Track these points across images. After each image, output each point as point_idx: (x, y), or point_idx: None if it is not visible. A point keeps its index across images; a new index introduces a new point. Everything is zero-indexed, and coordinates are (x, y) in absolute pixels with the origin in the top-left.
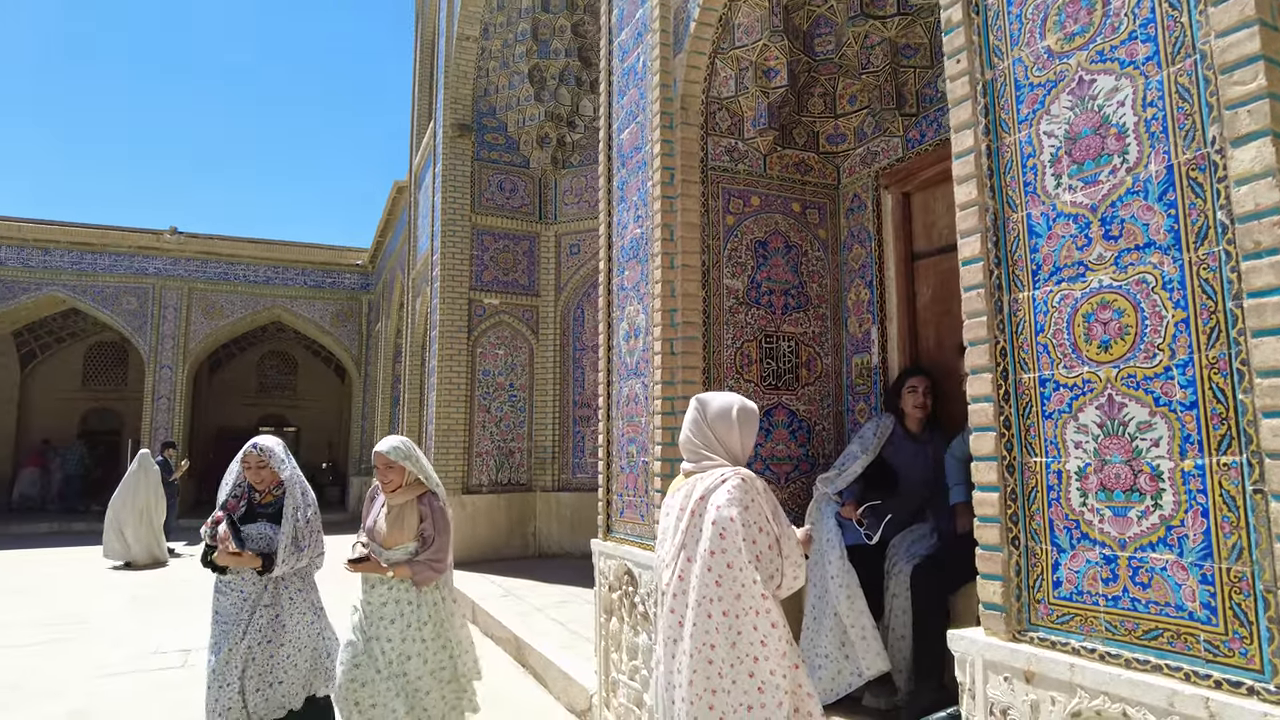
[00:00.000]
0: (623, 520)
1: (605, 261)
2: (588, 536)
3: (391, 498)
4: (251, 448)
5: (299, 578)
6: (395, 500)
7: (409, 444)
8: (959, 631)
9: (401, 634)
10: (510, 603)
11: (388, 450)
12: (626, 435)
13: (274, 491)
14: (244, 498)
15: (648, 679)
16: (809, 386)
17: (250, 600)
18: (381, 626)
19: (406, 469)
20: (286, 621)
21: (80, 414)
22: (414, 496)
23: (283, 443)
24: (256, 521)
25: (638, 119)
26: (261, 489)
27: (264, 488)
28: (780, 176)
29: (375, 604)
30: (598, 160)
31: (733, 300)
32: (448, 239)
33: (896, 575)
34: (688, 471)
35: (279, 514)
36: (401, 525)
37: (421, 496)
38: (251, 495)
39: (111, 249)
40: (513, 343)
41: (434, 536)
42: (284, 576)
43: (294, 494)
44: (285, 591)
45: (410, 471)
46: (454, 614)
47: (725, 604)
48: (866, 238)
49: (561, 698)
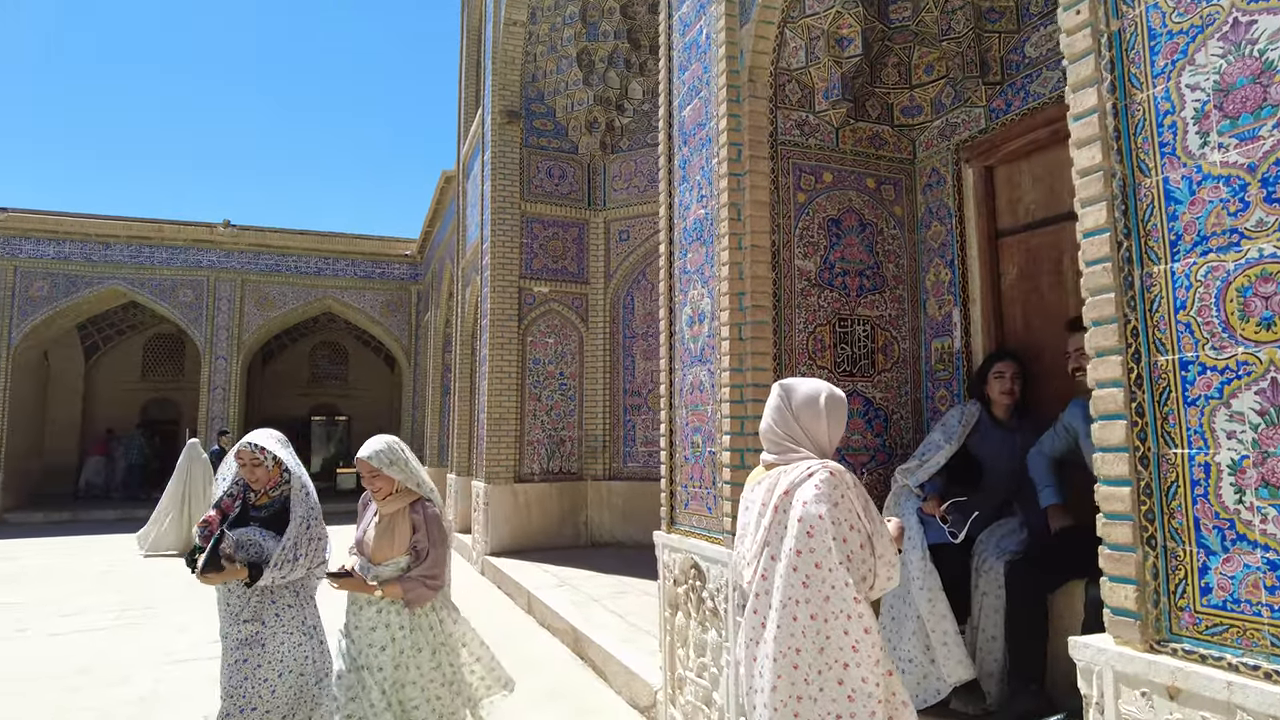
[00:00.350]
0: (688, 512)
1: (666, 245)
2: (639, 526)
3: (383, 506)
4: (246, 445)
5: (291, 591)
6: (386, 509)
7: (396, 447)
8: (1083, 638)
9: (394, 661)
10: (566, 592)
11: (369, 456)
12: (691, 424)
13: (271, 492)
14: (239, 497)
15: (717, 677)
16: (886, 373)
17: (233, 612)
18: (371, 654)
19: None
20: (268, 641)
21: (141, 404)
22: (406, 504)
23: (283, 437)
24: (249, 525)
25: (700, 94)
26: (258, 489)
27: (260, 487)
28: (853, 151)
29: (364, 628)
30: (646, 144)
31: (804, 282)
32: (497, 227)
33: (986, 573)
34: (768, 463)
35: (274, 517)
36: (392, 537)
37: (414, 504)
38: (247, 495)
39: (168, 242)
40: (562, 331)
41: (428, 549)
42: (273, 589)
43: (298, 496)
44: (271, 607)
45: None
46: (459, 635)
47: (813, 606)
48: (946, 215)
49: (623, 692)
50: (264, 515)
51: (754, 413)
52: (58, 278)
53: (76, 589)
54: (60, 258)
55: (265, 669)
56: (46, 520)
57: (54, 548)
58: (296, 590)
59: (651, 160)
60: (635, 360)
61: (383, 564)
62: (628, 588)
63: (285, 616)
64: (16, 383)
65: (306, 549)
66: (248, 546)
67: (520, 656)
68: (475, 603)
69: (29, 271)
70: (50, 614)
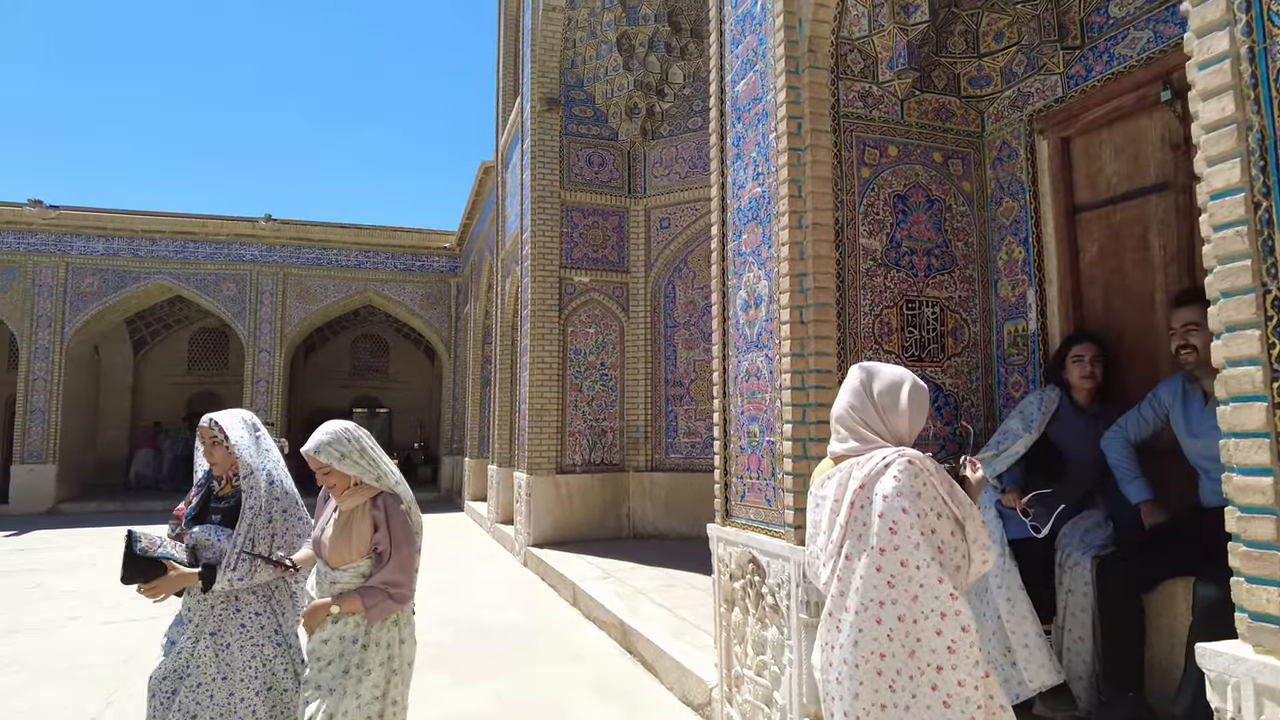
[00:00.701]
0: (744, 504)
1: (718, 226)
2: (682, 518)
3: (342, 501)
4: (205, 421)
5: (259, 597)
6: (345, 504)
7: (346, 436)
8: (1214, 646)
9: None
10: (611, 585)
11: (314, 450)
12: (747, 413)
13: (234, 481)
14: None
15: (779, 676)
16: (956, 357)
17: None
18: (314, 670)
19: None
20: (236, 656)
21: (187, 397)
22: (367, 499)
23: (250, 417)
24: (208, 521)
25: (756, 67)
26: (220, 476)
27: (222, 474)
28: (918, 124)
29: (315, 641)
30: (687, 130)
31: (870, 262)
32: (537, 216)
33: (1072, 569)
34: (837, 454)
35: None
36: (350, 537)
37: (376, 498)
38: (210, 484)
39: (211, 237)
40: (603, 321)
41: (389, 551)
42: (237, 594)
43: (256, 487)
44: (236, 616)
45: None
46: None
47: (900, 607)
48: (1019, 190)
49: (675, 689)
50: (224, 507)
51: (817, 400)
52: (106, 273)
53: None
54: (109, 254)
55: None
56: (99, 510)
57: (104, 538)
58: (267, 595)
59: (693, 146)
60: (677, 350)
61: (341, 568)
62: (674, 581)
63: (253, 626)
64: (70, 377)
65: (270, 548)
66: (207, 547)
67: (568, 650)
68: (519, 594)
69: (79, 268)
70: (103, 603)
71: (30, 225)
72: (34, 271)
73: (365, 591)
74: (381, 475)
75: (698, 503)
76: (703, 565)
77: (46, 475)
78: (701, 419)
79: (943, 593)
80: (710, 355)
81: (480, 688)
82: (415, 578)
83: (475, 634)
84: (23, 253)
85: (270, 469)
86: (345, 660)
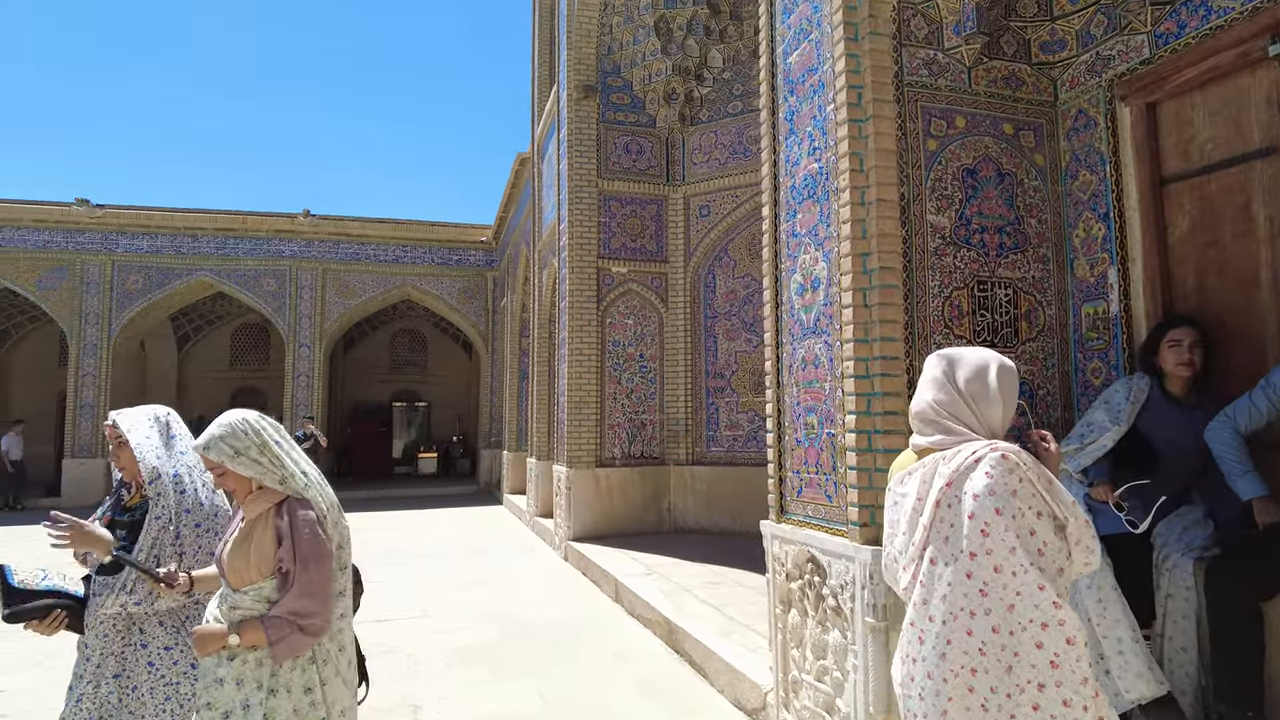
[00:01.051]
0: (801, 501)
1: (770, 206)
2: (725, 512)
3: (246, 507)
4: (109, 419)
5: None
6: (248, 511)
7: (244, 430)
8: None
9: None
10: (655, 581)
11: (205, 447)
12: (803, 404)
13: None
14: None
15: (841, 683)
16: (1030, 343)
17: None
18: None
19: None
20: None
21: (229, 392)
22: (272, 505)
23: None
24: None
25: (810, 36)
26: (129, 482)
27: (130, 479)
28: (987, 93)
29: (207, 682)
30: (727, 114)
31: (938, 240)
32: (575, 206)
33: (1170, 571)
34: (920, 448)
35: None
36: (248, 552)
37: (281, 505)
38: (120, 492)
39: (251, 233)
40: (641, 312)
41: (293, 570)
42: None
43: (163, 494)
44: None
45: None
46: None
47: (995, 618)
48: (1097, 161)
49: (726, 692)
50: (128, 521)
51: (882, 389)
52: (150, 270)
53: None
54: (152, 251)
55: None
56: None
57: None
58: (178, 626)
59: (733, 131)
60: (718, 341)
61: (242, 590)
62: (720, 577)
63: (163, 664)
64: (118, 373)
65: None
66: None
67: (611, 647)
68: (560, 589)
69: (125, 265)
70: None
71: (78, 224)
72: (82, 269)
73: (270, 622)
74: (287, 476)
75: (740, 497)
76: (748, 561)
77: (96, 469)
78: (744, 411)
79: (1044, 601)
80: (753, 346)
81: (523, 684)
82: (333, 603)
83: (518, 630)
84: (71, 251)
85: (182, 473)
86: (249, 713)
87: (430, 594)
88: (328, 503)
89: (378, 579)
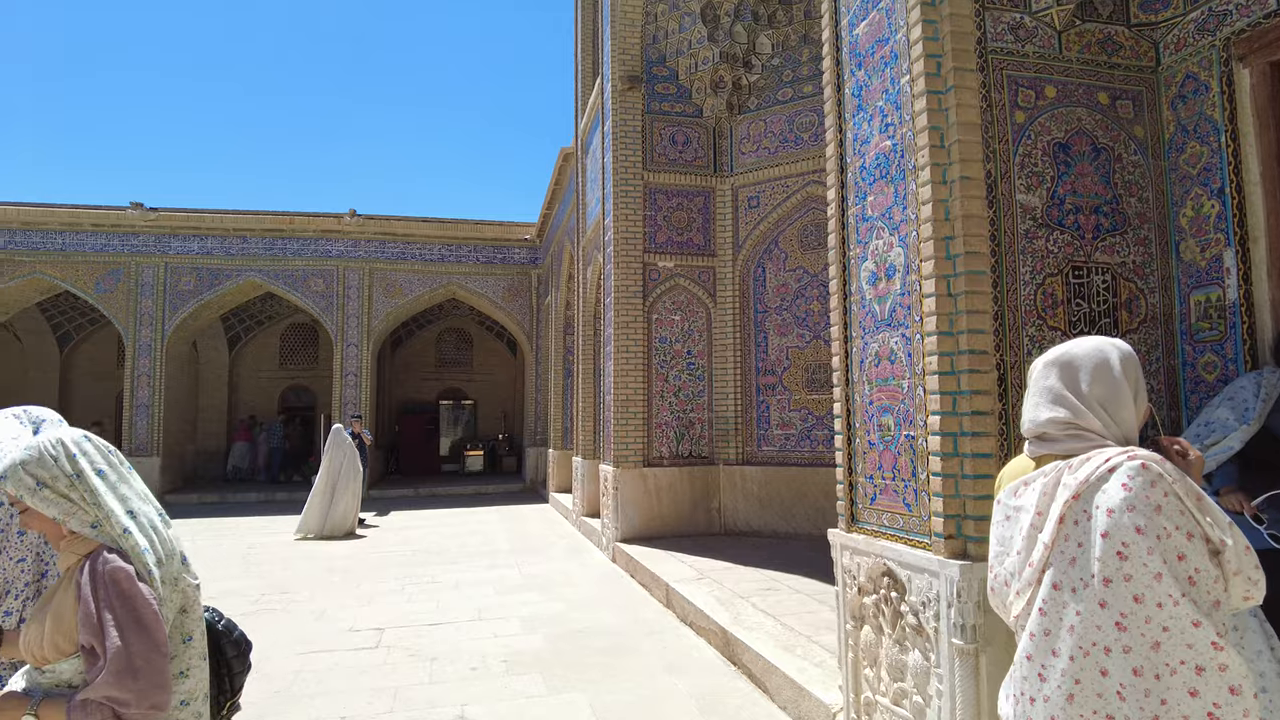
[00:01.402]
0: (875, 509)
1: (836, 189)
2: (777, 514)
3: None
4: None
5: None
6: (60, 563)
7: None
8: None
9: None
10: (707, 587)
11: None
12: (877, 404)
13: None
14: None
15: (922, 708)
16: (1132, 334)
17: None
18: None
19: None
20: None
21: (279, 391)
22: (81, 557)
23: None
24: None
25: (880, 5)
26: None
27: None
28: (1079, 60)
29: None
30: (777, 102)
31: (1029, 222)
32: (620, 199)
33: None
34: (1038, 456)
35: None
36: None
37: (90, 558)
38: None
39: (298, 234)
40: (689, 307)
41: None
42: None
43: None
44: None
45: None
46: None
47: (1136, 657)
48: (1209, 131)
49: (789, 709)
50: None
51: (970, 386)
52: (202, 271)
53: (222, 573)
54: (203, 253)
55: None
56: (199, 501)
57: (204, 529)
58: None
59: (783, 119)
60: (768, 337)
61: (45, 669)
62: (776, 584)
63: None
64: (171, 373)
65: None
66: None
67: (665, 658)
68: (610, 593)
69: (177, 267)
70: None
71: (133, 227)
72: (136, 272)
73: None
74: (102, 519)
75: (793, 498)
76: (804, 566)
77: (151, 467)
78: (796, 409)
79: (1199, 640)
80: (805, 341)
81: (574, 696)
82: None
83: (568, 636)
84: (126, 254)
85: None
86: None
87: (482, 595)
88: (162, 554)
89: (428, 578)
